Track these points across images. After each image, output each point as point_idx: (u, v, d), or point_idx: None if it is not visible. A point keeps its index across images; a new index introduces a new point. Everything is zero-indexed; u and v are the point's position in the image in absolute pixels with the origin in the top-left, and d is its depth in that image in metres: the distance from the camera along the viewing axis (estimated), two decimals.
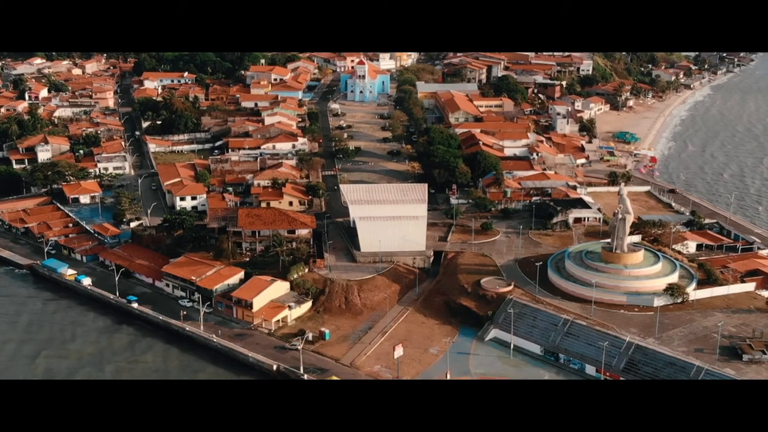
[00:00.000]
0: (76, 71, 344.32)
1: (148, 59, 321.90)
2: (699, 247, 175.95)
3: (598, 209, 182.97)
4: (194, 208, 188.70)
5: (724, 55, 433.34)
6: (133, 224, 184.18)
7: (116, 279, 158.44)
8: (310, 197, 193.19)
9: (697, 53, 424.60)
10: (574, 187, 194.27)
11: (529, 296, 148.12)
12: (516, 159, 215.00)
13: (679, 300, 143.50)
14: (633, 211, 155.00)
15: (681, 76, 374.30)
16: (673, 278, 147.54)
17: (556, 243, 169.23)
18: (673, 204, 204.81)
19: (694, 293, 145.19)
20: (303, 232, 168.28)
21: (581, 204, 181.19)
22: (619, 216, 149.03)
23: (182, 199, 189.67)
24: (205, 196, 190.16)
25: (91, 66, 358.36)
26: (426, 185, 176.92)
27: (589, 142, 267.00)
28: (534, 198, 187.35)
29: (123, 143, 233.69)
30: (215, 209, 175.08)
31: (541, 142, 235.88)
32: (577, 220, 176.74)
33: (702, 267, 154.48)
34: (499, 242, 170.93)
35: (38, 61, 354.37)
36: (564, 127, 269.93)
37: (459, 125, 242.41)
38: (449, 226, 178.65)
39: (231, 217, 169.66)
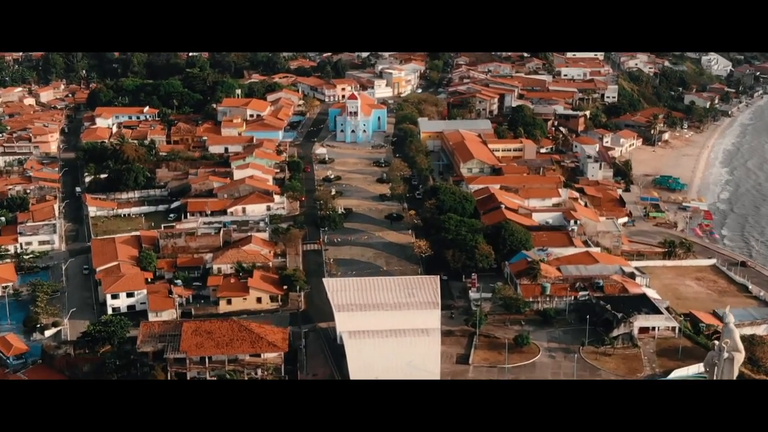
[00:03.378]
0: (29, 100, 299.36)
1: (105, 90, 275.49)
2: None
3: (667, 308, 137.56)
4: (131, 308, 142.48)
5: (758, 73, 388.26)
6: (48, 333, 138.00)
7: None
8: (285, 289, 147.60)
9: (729, 73, 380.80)
10: (632, 275, 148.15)
11: None
12: (549, 229, 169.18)
13: None
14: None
15: (717, 100, 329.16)
16: None
17: (620, 368, 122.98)
18: (750, 286, 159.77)
19: None
20: (271, 356, 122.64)
21: (646, 304, 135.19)
22: (725, 354, 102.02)
23: (115, 296, 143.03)
24: (145, 291, 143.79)
25: (47, 94, 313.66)
26: (438, 279, 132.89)
27: (627, 190, 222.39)
28: (581, 294, 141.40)
29: (56, 206, 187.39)
30: (150, 324, 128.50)
31: (575, 199, 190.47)
32: (644, 329, 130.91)
33: None
34: (541, 366, 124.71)
35: None
36: (596, 172, 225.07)
37: (473, 179, 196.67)
38: (470, 335, 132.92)
39: (171, 335, 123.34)
